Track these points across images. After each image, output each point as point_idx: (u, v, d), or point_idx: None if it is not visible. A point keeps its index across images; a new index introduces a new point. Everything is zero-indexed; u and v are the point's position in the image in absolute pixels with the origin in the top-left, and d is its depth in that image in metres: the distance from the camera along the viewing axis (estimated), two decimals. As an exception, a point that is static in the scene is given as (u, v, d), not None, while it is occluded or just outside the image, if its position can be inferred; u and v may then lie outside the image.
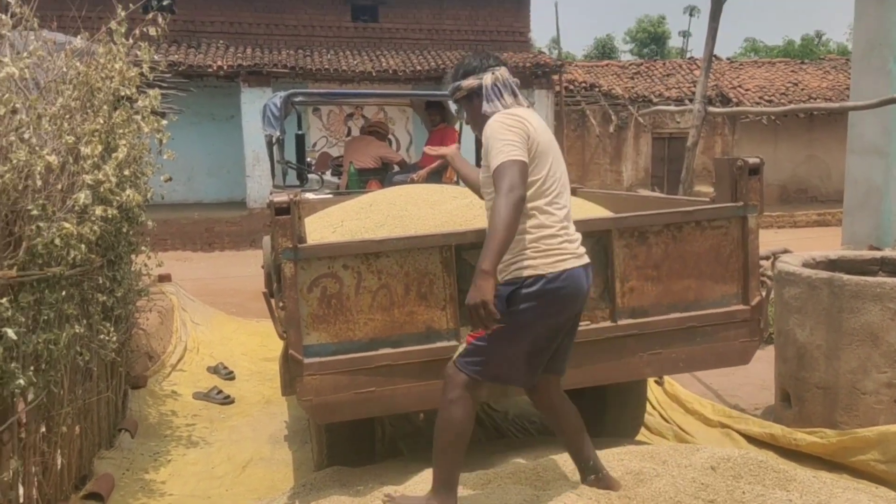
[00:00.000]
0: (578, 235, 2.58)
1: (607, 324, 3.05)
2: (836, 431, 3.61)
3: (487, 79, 2.62)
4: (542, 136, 2.51)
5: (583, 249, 2.56)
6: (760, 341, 3.24)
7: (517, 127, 2.45)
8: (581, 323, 2.99)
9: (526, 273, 2.43)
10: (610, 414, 3.82)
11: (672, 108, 13.48)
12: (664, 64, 21.01)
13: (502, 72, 2.65)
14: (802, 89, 18.84)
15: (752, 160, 3.15)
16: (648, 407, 4.33)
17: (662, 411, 4.62)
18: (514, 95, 2.63)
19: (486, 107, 2.61)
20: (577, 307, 2.56)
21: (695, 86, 13.65)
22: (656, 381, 4.88)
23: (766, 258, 6.68)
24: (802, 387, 4.01)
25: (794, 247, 7.54)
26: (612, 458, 2.89)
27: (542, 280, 2.41)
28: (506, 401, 4.67)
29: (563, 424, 2.70)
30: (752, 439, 4.00)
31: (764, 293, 3.25)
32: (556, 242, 2.46)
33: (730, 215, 3.16)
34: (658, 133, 18.30)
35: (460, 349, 2.52)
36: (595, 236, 3.03)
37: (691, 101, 11.83)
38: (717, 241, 3.15)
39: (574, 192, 4.64)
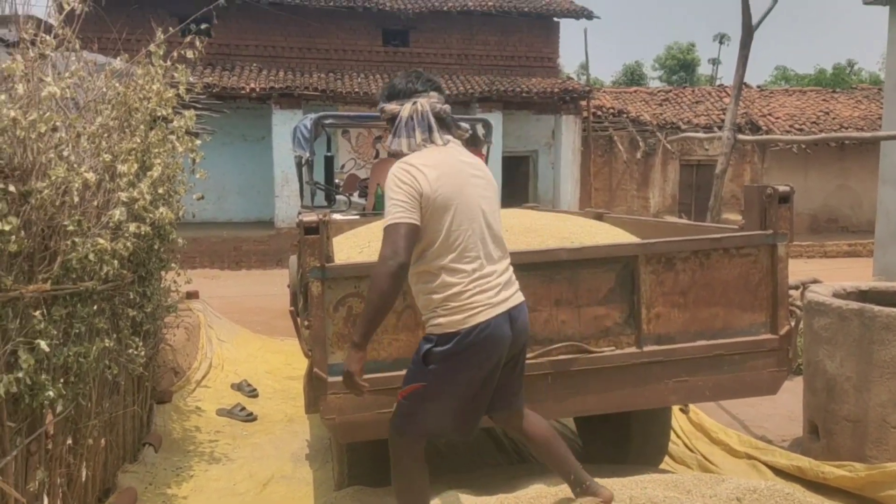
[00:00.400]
0: (501, 281, 2.44)
1: (633, 350, 3.03)
2: (866, 465, 3.54)
3: (406, 110, 2.45)
4: (443, 187, 2.35)
5: (504, 295, 2.43)
6: (789, 371, 3.20)
7: (407, 183, 2.32)
8: (606, 348, 2.98)
9: (438, 332, 2.39)
10: (634, 441, 3.78)
11: (701, 134, 13.42)
12: (693, 91, 20.95)
13: (426, 102, 2.46)
14: (834, 118, 18.64)
15: (782, 188, 3.13)
16: (673, 435, 4.27)
17: (687, 440, 4.55)
18: (430, 131, 2.44)
19: (392, 142, 2.48)
20: (501, 353, 2.44)
21: (724, 113, 13.60)
22: (681, 409, 4.82)
23: (796, 288, 6.58)
24: (831, 419, 3.94)
25: (824, 277, 7.42)
26: (635, 487, 2.85)
27: (455, 338, 2.35)
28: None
29: (537, 450, 2.69)
30: (778, 471, 3.92)
31: (793, 323, 3.20)
32: (464, 298, 2.36)
33: (759, 243, 3.14)
34: (686, 160, 18.20)
35: (394, 407, 2.52)
36: (622, 262, 3.02)
37: (720, 128, 11.78)
38: (746, 268, 3.13)
39: (600, 218, 4.65)
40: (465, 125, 2.58)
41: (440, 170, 2.37)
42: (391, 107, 2.50)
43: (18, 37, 3.04)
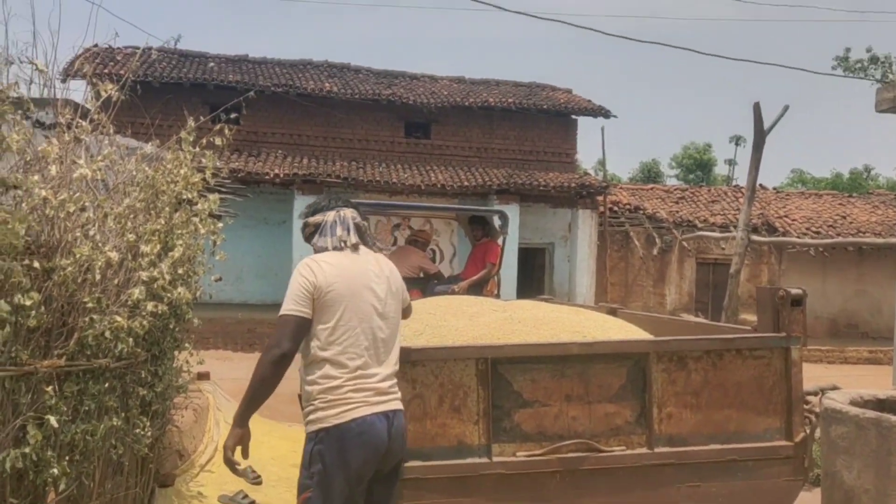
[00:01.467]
0: (382, 386, 2.52)
1: (643, 450, 2.98)
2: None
3: (330, 216, 2.71)
4: (338, 284, 2.51)
5: (383, 398, 2.51)
6: (805, 481, 3.11)
7: (306, 276, 2.51)
8: (617, 447, 2.93)
9: (315, 428, 2.47)
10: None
11: (716, 234, 13.51)
12: (709, 190, 21.20)
13: (347, 212, 2.74)
14: (851, 223, 18.70)
15: (794, 291, 3.14)
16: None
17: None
18: (349, 231, 2.68)
19: (317, 239, 2.71)
20: (377, 455, 2.48)
21: (740, 213, 13.73)
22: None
23: (814, 394, 6.47)
24: (852, 533, 3.78)
25: (843, 384, 7.28)
26: None
27: (330, 432, 2.43)
28: None
29: None
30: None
31: (809, 430, 3.14)
32: (341, 392, 2.44)
33: (772, 345, 3.12)
34: (703, 258, 18.23)
35: None
36: (633, 358, 3.01)
37: (736, 228, 11.86)
38: (760, 371, 3.10)
39: (614, 313, 4.65)
40: (380, 244, 2.82)
41: (340, 269, 2.56)
42: (315, 219, 2.77)
43: (56, 120, 3.20)
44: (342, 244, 2.65)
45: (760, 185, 17.64)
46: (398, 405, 2.59)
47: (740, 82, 77.80)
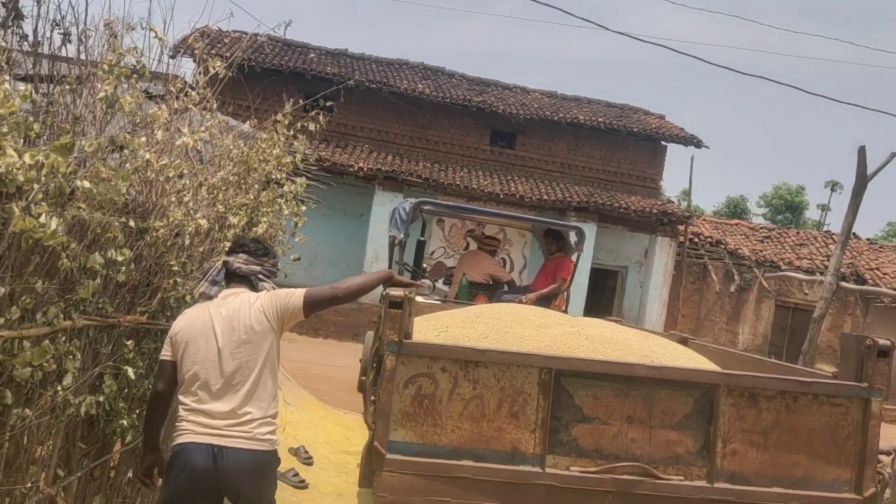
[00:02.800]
0: (218, 423, 2.60)
1: (702, 483, 2.89)
2: None
3: (219, 263, 2.87)
4: (183, 331, 2.69)
5: (214, 431, 2.59)
6: (871, 538, 2.95)
7: (171, 329, 2.75)
8: (675, 476, 2.87)
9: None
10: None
11: (801, 276, 12.99)
12: (798, 233, 20.40)
13: (231, 259, 2.81)
14: (947, 281, 17.66)
15: (882, 341, 3.00)
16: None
17: None
18: (213, 285, 2.81)
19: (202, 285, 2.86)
20: (195, 483, 2.60)
21: (828, 259, 13.15)
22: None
23: (888, 453, 6.13)
24: None
25: (922, 447, 6.86)
26: None
27: (171, 453, 2.68)
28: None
29: None
30: None
31: (879, 488, 2.98)
32: (179, 422, 2.67)
33: (851, 394, 2.98)
34: (782, 301, 17.54)
35: None
36: (702, 389, 2.93)
37: (822, 273, 11.37)
38: (835, 419, 2.97)
39: (684, 342, 4.53)
40: (266, 284, 2.85)
41: (187, 318, 2.74)
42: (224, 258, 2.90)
43: (165, 91, 3.35)
44: (202, 298, 2.82)
45: (854, 233, 16.86)
46: (240, 444, 2.61)
47: (843, 127, 74.66)
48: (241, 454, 2.59)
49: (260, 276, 2.82)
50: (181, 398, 2.69)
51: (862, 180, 8.00)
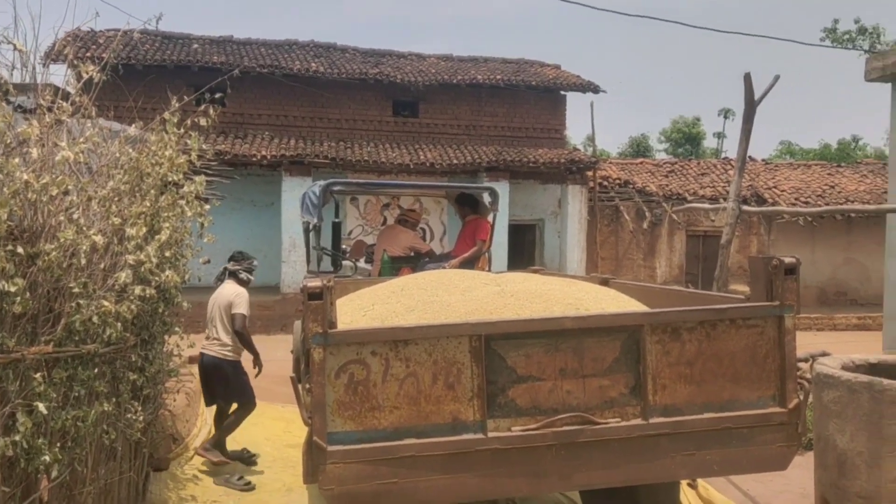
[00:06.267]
0: (206, 343, 5.40)
1: (638, 421, 2.98)
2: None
3: (221, 268, 5.66)
4: (209, 303, 5.69)
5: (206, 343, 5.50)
6: (798, 446, 3.13)
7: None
8: (612, 419, 2.94)
9: None
10: (641, 517, 3.67)
11: (706, 205, 13.51)
12: (699, 163, 21.18)
13: (232, 265, 5.80)
14: (839, 192, 18.76)
15: (787, 259, 3.12)
16: (682, 512, 4.14)
17: (697, 518, 4.41)
18: (218, 280, 5.82)
19: None
20: (205, 373, 5.65)
21: (729, 185, 13.72)
22: (689, 485, 4.69)
23: (805, 360, 6.50)
24: (843, 496, 3.82)
25: (833, 350, 7.33)
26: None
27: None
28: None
29: None
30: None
31: (802, 396, 3.15)
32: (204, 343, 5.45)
33: (765, 314, 3.11)
34: (692, 230, 18.26)
35: None
36: (627, 331, 3.00)
37: (726, 199, 11.86)
38: (753, 340, 3.10)
39: (606, 283, 4.65)
40: (243, 276, 5.75)
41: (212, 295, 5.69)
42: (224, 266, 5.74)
43: (36, 104, 3.13)
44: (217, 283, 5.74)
45: (750, 156, 17.63)
46: (211, 352, 5.55)
47: (729, 56, 77.52)
48: (208, 358, 5.47)
49: (239, 273, 5.78)
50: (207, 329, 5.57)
51: (750, 106, 8.32)
